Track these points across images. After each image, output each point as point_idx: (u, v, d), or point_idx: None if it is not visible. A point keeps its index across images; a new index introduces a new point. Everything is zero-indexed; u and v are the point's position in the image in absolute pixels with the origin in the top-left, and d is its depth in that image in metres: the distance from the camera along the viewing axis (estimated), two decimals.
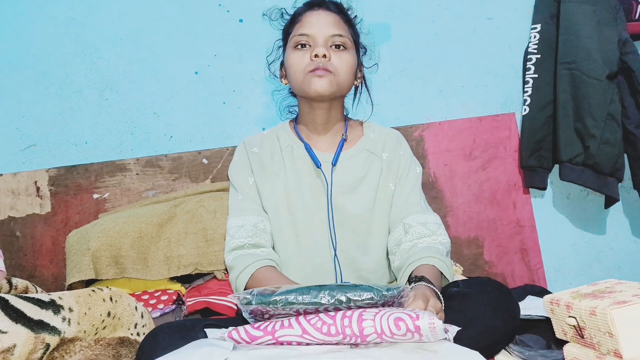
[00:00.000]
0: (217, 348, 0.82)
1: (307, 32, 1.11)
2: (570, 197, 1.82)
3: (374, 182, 1.19)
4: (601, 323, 0.75)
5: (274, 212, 1.17)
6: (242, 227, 1.14)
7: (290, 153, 1.20)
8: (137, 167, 1.66)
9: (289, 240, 1.16)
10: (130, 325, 1.01)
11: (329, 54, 1.10)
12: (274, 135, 1.25)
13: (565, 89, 1.66)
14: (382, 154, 1.21)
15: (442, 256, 1.10)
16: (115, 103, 1.70)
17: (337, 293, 0.85)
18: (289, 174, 1.19)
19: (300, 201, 1.17)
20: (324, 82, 1.10)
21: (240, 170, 1.22)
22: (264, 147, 1.23)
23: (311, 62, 1.10)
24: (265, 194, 1.18)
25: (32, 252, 1.60)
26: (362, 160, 1.20)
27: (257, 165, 1.20)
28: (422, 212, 1.19)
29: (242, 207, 1.18)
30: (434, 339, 0.82)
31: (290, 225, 1.16)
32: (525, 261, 1.74)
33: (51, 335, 0.86)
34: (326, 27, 1.11)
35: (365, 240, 1.17)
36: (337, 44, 1.12)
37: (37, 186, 1.63)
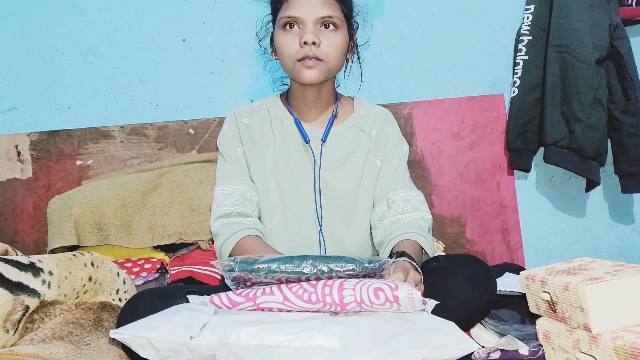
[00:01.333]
0: (198, 312, 0.83)
1: (295, 15, 1.07)
2: (553, 180, 1.85)
3: (362, 158, 1.20)
4: (573, 298, 0.77)
5: (262, 184, 1.17)
6: (229, 196, 1.15)
7: (280, 126, 1.20)
8: (122, 134, 1.64)
9: (275, 213, 1.17)
10: (111, 291, 1.01)
11: (319, 39, 1.07)
12: (264, 107, 1.24)
13: (555, 72, 1.66)
14: (371, 131, 1.22)
15: (424, 232, 1.12)
16: (99, 68, 1.66)
17: (319, 263, 0.86)
18: (278, 147, 1.19)
19: (288, 175, 1.17)
20: (313, 72, 1.09)
21: (229, 140, 1.21)
22: (254, 118, 1.22)
23: (300, 49, 1.08)
24: (254, 165, 1.18)
25: (13, 217, 1.58)
26: (351, 136, 1.21)
27: (247, 136, 1.20)
28: (406, 188, 1.20)
29: (230, 176, 1.18)
30: (412, 309, 0.84)
31: (278, 198, 1.17)
32: (506, 241, 1.77)
33: (30, 297, 0.86)
34: (315, 7, 1.07)
35: (351, 215, 1.18)
36: (327, 23, 1.09)
37: (18, 150, 1.60)
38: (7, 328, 0.83)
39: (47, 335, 0.85)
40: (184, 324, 0.79)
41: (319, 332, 0.77)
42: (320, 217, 1.15)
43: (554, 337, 0.83)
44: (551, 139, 1.67)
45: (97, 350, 0.88)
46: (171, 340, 0.77)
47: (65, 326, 0.88)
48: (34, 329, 0.88)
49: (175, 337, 0.77)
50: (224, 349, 0.77)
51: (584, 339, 0.77)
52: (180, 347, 0.77)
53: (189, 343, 0.77)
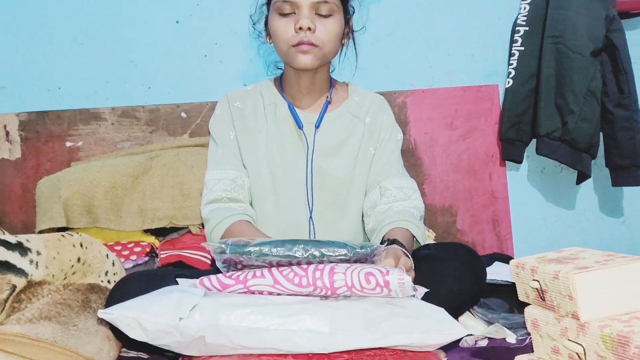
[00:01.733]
0: (188, 294, 0.82)
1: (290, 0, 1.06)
2: (545, 172, 1.86)
3: (356, 145, 1.19)
4: (562, 287, 0.78)
5: (254, 169, 1.17)
6: (221, 181, 1.14)
7: (273, 111, 1.19)
8: (113, 116, 1.61)
9: (267, 198, 1.16)
10: (100, 272, 1.00)
11: (314, 25, 1.06)
12: (257, 91, 1.23)
13: (550, 64, 1.66)
14: (365, 117, 1.21)
15: (416, 220, 1.12)
16: (90, 48, 1.63)
17: (311, 248, 0.86)
18: (271, 133, 1.18)
19: (280, 160, 1.16)
20: (308, 57, 1.08)
21: (221, 124, 1.20)
22: (247, 102, 1.21)
23: (295, 34, 1.06)
24: (246, 149, 1.17)
25: (1, 198, 1.56)
26: (346, 123, 1.20)
27: (239, 120, 1.19)
28: (399, 176, 1.20)
29: (221, 160, 1.17)
30: (402, 294, 0.85)
31: (270, 183, 1.16)
32: (496, 231, 1.78)
33: (18, 276, 0.85)
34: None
35: (343, 202, 1.18)
36: (323, 8, 1.07)
37: (7, 130, 1.57)
38: None
39: (35, 316, 0.84)
40: (174, 306, 0.79)
41: (308, 316, 0.78)
42: (311, 204, 1.15)
43: (542, 325, 0.84)
44: (544, 131, 1.67)
45: (85, 331, 0.88)
46: (160, 322, 0.77)
47: (53, 307, 0.87)
48: (21, 308, 0.87)
49: (165, 318, 0.77)
50: (213, 330, 0.77)
51: (572, 327, 0.78)
52: (169, 328, 0.77)
53: (178, 324, 0.77)
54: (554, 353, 0.83)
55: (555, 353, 0.82)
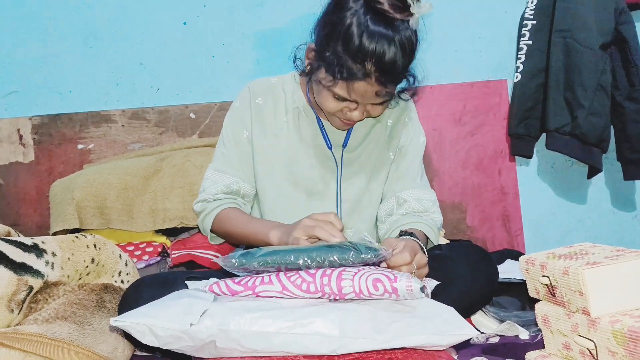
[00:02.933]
0: (198, 299, 0.83)
1: (348, 98, 0.98)
2: (555, 167, 1.85)
3: (374, 149, 1.14)
4: (573, 282, 0.78)
5: (266, 175, 1.12)
6: (215, 184, 1.12)
7: (296, 117, 1.12)
8: (123, 118, 1.63)
9: (285, 206, 1.11)
10: (114, 273, 1.02)
11: (364, 115, 1.01)
12: (281, 88, 1.14)
13: (558, 57, 1.65)
14: (387, 120, 1.15)
15: (431, 226, 1.10)
16: (100, 52, 1.65)
17: (316, 256, 0.85)
18: (291, 140, 1.11)
19: (301, 174, 1.11)
20: (347, 127, 1.06)
21: (236, 121, 1.13)
22: (269, 100, 1.13)
23: (342, 114, 1.01)
24: (260, 152, 1.11)
25: (16, 201, 1.59)
26: (367, 130, 1.14)
27: (258, 118, 1.12)
28: (419, 187, 1.14)
29: (222, 162, 1.13)
30: (410, 298, 0.85)
31: (292, 190, 1.11)
32: (507, 227, 1.78)
33: (34, 278, 0.87)
34: (371, 97, 0.98)
35: (357, 205, 1.15)
36: (377, 103, 1.00)
37: (20, 134, 1.60)
38: (11, 308, 0.84)
39: (51, 316, 0.86)
40: (184, 311, 0.80)
41: (318, 319, 0.78)
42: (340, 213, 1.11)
43: (553, 321, 0.84)
44: (553, 125, 1.66)
45: (99, 330, 0.89)
46: (171, 327, 0.77)
47: (68, 307, 0.89)
48: (37, 309, 0.89)
49: (175, 324, 0.78)
50: (223, 335, 0.78)
51: (583, 323, 0.78)
52: (180, 333, 0.78)
53: (189, 330, 0.78)
54: (565, 349, 0.83)
55: (567, 349, 0.82)
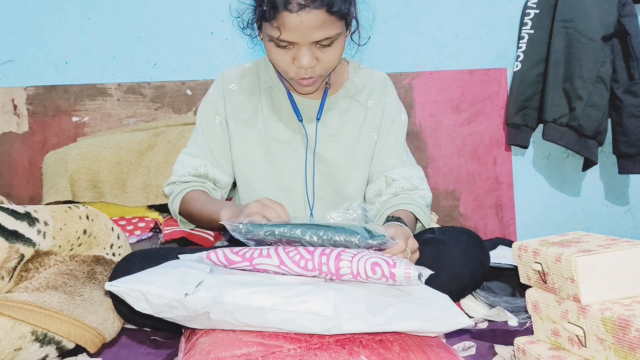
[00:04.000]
0: (194, 270, 0.83)
1: (287, 39, 0.94)
2: (550, 158, 1.85)
3: (355, 130, 1.14)
4: (564, 269, 0.78)
5: (246, 156, 1.12)
6: (184, 167, 1.13)
7: (269, 96, 1.13)
8: (119, 92, 1.61)
9: (263, 186, 1.13)
10: (106, 245, 1.01)
11: (315, 61, 0.97)
12: (254, 71, 1.16)
13: (559, 48, 1.64)
14: (367, 101, 1.15)
15: (421, 206, 1.11)
16: (97, 23, 1.63)
17: (323, 234, 0.85)
18: (267, 119, 1.12)
19: (278, 150, 1.12)
20: (310, 88, 1.03)
21: (208, 107, 1.14)
22: (243, 84, 1.14)
23: (295, 68, 0.98)
24: (237, 136, 1.12)
25: (9, 171, 1.57)
26: (345, 108, 1.14)
27: (232, 104, 1.13)
28: (406, 165, 1.15)
29: (193, 146, 1.14)
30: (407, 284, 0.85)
31: (266, 171, 1.13)
32: (499, 216, 1.79)
33: (26, 246, 0.86)
34: (310, 32, 0.93)
35: (342, 188, 1.15)
36: (325, 44, 0.96)
37: (14, 104, 1.57)
38: (2, 275, 0.84)
39: (42, 284, 0.86)
40: (180, 280, 0.80)
41: (313, 298, 0.78)
42: (311, 199, 1.12)
43: (543, 308, 0.85)
44: (551, 116, 1.66)
45: (90, 301, 0.89)
46: (166, 296, 0.77)
47: (59, 276, 0.89)
48: (28, 277, 0.88)
49: (170, 293, 0.77)
50: (218, 307, 0.78)
51: (573, 310, 0.79)
52: (174, 303, 0.78)
53: (184, 300, 0.78)
54: (553, 335, 0.84)
55: (555, 335, 0.83)
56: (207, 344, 0.76)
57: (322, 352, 0.72)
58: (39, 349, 0.81)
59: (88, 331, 0.86)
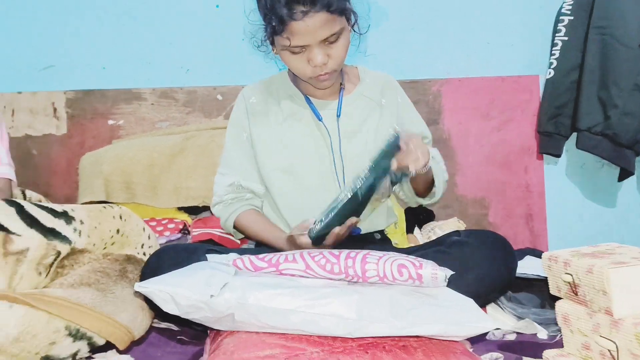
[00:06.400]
0: (220, 272, 0.85)
1: (298, 44, 1.04)
2: (585, 167, 1.80)
3: (373, 127, 1.19)
4: (596, 281, 0.76)
5: (270, 163, 1.17)
6: (221, 186, 1.18)
7: (289, 103, 1.19)
8: (153, 97, 1.66)
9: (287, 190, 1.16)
10: (137, 245, 1.04)
11: (327, 57, 1.06)
12: (273, 85, 1.23)
13: (594, 55, 1.60)
14: (380, 99, 1.21)
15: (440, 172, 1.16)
16: (132, 30, 1.68)
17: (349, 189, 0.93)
18: (288, 125, 1.17)
19: (300, 153, 1.16)
20: (328, 82, 1.11)
21: (235, 125, 1.21)
22: (263, 96, 1.21)
23: (312, 68, 1.07)
24: (261, 146, 1.18)
25: (47, 172, 1.64)
26: (361, 106, 1.20)
27: (254, 116, 1.19)
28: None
29: (225, 164, 1.20)
30: (433, 286, 0.84)
31: (289, 175, 1.16)
32: (530, 226, 1.75)
33: (62, 243, 0.90)
34: (317, 31, 1.02)
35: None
36: (332, 40, 1.05)
37: (54, 107, 1.64)
38: (39, 271, 0.87)
39: (76, 281, 0.89)
40: (206, 282, 0.81)
41: (336, 300, 0.78)
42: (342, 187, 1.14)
43: (574, 320, 0.83)
44: (585, 125, 1.62)
45: (121, 299, 0.92)
46: (192, 297, 0.79)
47: (92, 274, 0.92)
48: (63, 274, 0.92)
49: (197, 294, 0.79)
50: (242, 309, 0.79)
51: (605, 323, 0.76)
52: (200, 304, 0.80)
53: (209, 301, 0.79)
54: (584, 349, 0.81)
55: (586, 349, 0.81)
56: (231, 345, 0.77)
57: (345, 356, 0.73)
58: (72, 343, 0.84)
59: (119, 328, 0.88)
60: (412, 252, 0.99)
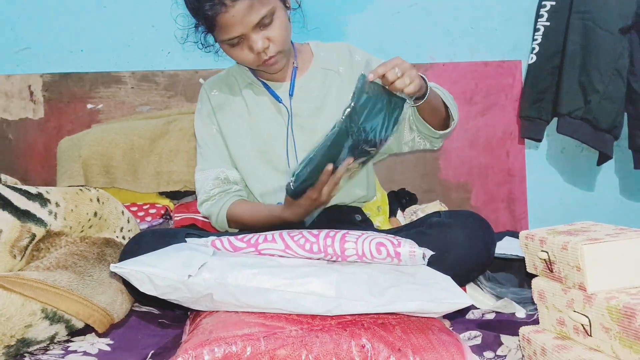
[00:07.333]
0: (197, 252, 0.84)
1: (233, 35, 1.02)
2: (565, 152, 1.82)
3: (337, 96, 1.19)
4: (571, 257, 0.77)
5: (242, 152, 1.18)
6: (205, 182, 1.17)
7: (250, 91, 1.20)
8: (133, 80, 1.63)
9: (259, 176, 1.17)
10: (116, 228, 1.03)
11: (267, 41, 1.04)
12: (231, 75, 1.23)
13: (576, 40, 1.61)
14: (338, 67, 1.21)
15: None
16: (113, 12, 1.65)
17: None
18: (253, 113, 1.18)
19: (265, 136, 1.17)
20: (278, 65, 1.09)
21: (202, 120, 1.21)
22: (224, 88, 1.21)
23: (256, 56, 1.05)
24: (230, 136, 1.18)
25: (25, 156, 1.61)
26: (320, 79, 1.20)
27: (219, 108, 1.20)
28: None
29: (202, 161, 1.19)
30: (411, 264, 0.85)
31: (259, 160, 1.17)
32: (511, 210, 1.77)
33: (37, 226, 0.88)
34: (246, 19, 1.00)
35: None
36: (266, 22, 1.03)
37: (31, 90, 1.61)
38: (14, 253, 0.86)
39: (52, 264, 0.88)
40: (183, 263, 0.81)
41: (315, 279, 0.79)
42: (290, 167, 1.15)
43: (549, 297, 0.84)
44: (566, 109, 1.63)
45: (99, 282, 0.91)
46: (170, 278, 0.79)
47: (69, 257, 0.91)
48: (39, 257, 0.90)
49: (174, 274, 0.79)
50: (221, 289, 0.79)
51: (579, 299, 0.78)
52: (178, 284, 0.79)
53: (187, 281, 0.79)
54: (559, 324, 0.83)
55: (561, 325, 0.82)
56: (209, 324, 0.77)
57: (324, 334, 0.73)
58: (49, 326, 0.83)
59: (96, 311, 0.88)
60: (393, 234, 0.99)
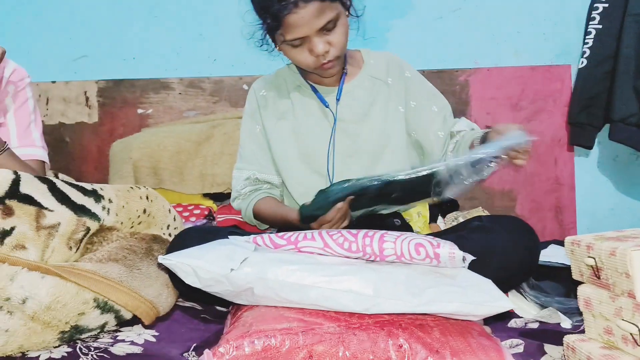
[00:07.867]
0: (240, 247, 0.87)
1: (296, 36, 1.05)
2: (617, 160, 1.74)
3: (383, 105, 1.20)
4: (619, 264, 0.74)
5: (283, 153, 1.20)
6: (239, 180, 1.22)
7: (297, 94, 1.22)
8: (181, 86, 1.70)
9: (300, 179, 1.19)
10: (163, 225, 1.07)
11: (328, 45, 1.07)
12: (281, 77, 1.26)
13: (630, 44, 1.55)
14: (387, 78, 1.22)
15: None
16: (163, 21, 1.73)
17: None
18: (298, 115, 1.20)
19: (309, 139, 1.19)
20: (333, 70, 1.12)
21: (248, 119, 1.25)
22: (272, 89, 1.24)
23: (315, 59, 1.08)
24: (274, 136, 1.21)
25: (80, 158, 1.70)
26: (368, 87, 1.21)
27: (265, 108, 1.22)
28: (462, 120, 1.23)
29: (241, 159, 1.24)
30: (451, 266, 0.84)
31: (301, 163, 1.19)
32: (559, 219, 1.71)
33: (92, 220, 0.93)
34: (313, 22, 1.03)
35: (376, 163, 1.19)
36: (330, 27, 1.06)
37: (87, 96, 1.71)
38: (70, 245, 0.91)
39: (104, 257, 0.92)
40: (226, 257, 0.83)
41: (353, 277, 0.79)
42: (331, 173, 1.17)
43: (595, 304, 0.81)
44: (619, 115, 1.57)
45: (147, 275, 0.95)
46: (213, 271, 0.82)
47: (120, 251, 0.95)
48: (92, 250, 0.95)
49: (217, 268, 0.81)
50: (261, 283, 0.81)
51: (628, 307, 0.74)
52: (221, 277, 0.82)
53: (229, 275, 0.81)
54: (606, 334, 0.79)
55: (608, 334, 0.79)
56: (250, 318, 0.79)
57: (361, 332, 0.73)
58: (100, 315, 0.87)
59: (144, 303, 0.91)
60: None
